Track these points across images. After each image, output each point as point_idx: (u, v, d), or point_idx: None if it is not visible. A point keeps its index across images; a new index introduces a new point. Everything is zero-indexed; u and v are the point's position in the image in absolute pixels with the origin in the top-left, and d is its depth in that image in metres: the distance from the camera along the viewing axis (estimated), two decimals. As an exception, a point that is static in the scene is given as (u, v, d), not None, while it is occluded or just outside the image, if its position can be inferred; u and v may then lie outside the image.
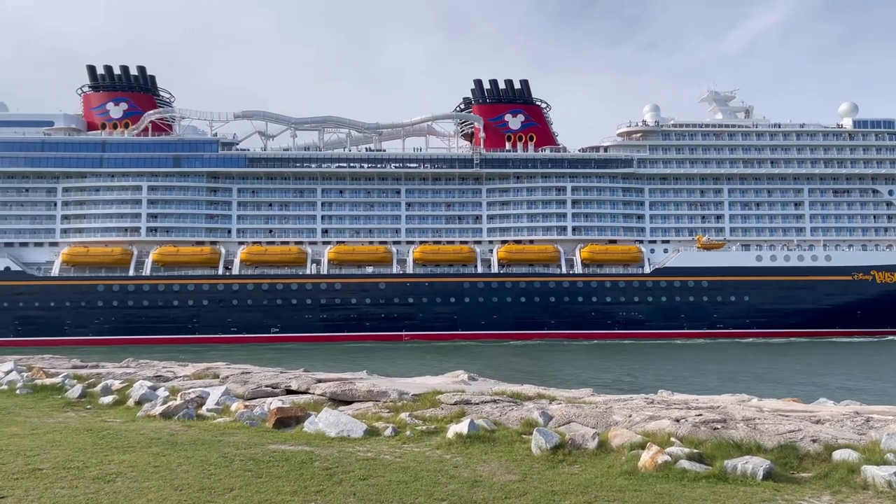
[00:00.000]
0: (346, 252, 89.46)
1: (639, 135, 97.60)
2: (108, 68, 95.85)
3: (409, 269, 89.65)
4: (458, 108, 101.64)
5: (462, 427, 9.92)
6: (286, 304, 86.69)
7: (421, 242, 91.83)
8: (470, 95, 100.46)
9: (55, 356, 28.16)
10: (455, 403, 11.68)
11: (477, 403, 11.59)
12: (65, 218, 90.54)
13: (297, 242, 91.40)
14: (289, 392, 14.58)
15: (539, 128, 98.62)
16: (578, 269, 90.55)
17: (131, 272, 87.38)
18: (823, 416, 9.60)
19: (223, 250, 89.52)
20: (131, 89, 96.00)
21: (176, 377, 18.43)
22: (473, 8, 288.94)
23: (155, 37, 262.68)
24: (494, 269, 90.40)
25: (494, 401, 11.72)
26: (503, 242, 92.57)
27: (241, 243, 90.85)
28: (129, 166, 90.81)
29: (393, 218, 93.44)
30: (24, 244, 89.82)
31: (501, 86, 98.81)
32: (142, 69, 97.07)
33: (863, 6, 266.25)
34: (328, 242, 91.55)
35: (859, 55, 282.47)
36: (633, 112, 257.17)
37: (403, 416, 11.36)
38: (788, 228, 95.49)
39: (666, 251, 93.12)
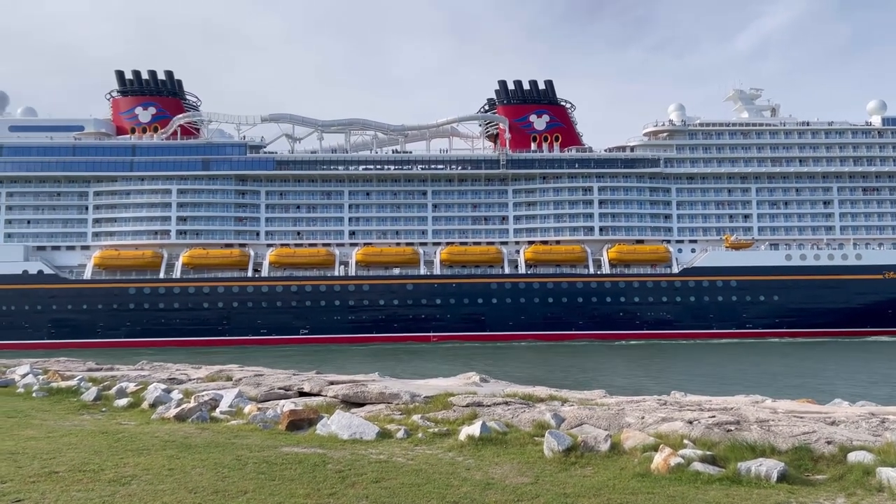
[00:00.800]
0: (374, 253, 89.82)
1: (665, 134, 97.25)
2: (137, 73, 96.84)
3: (437, 271, 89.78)
4: (482, 110, 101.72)
5: (474, 429, 9.92)
6: (315, 305, 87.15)
7: (447, 243, 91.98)
8: (494, 96, 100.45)
9: (70, 359, 28.41)
10: (467, 405, 11.69)
11: (489, 405, 11.59)
12: (96, 221, 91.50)
13: (324, 244, 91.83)
14: (301, 394, 14.65)
15: (564, 128, 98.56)
16: (606, 269, 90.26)
17: (162, 275, 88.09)
18: (838, 417, 9.53)
19: (252, 252, 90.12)
20: (159, 94, 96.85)
21: (189, 379, 18.55)
22: (481, 11, 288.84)
23: (166, 42, 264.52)
24: (521, 269, 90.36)
25: (506, 403, 11.71)
26: (530, 243, 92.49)
27: (269, 245, 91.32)
28: (159, 170, 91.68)
29: (419, 219, 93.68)
30: (57, 248, 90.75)
31: (525, 86, 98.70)
32: (169, 73, 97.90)
33: (875, 6, 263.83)
34: (355, 244, 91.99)
35: (872, 55, 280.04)
36: (643, 113, 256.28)
37: (415, 418, 11.38)
38: (817, 227, 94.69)
39: (693, 251, 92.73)
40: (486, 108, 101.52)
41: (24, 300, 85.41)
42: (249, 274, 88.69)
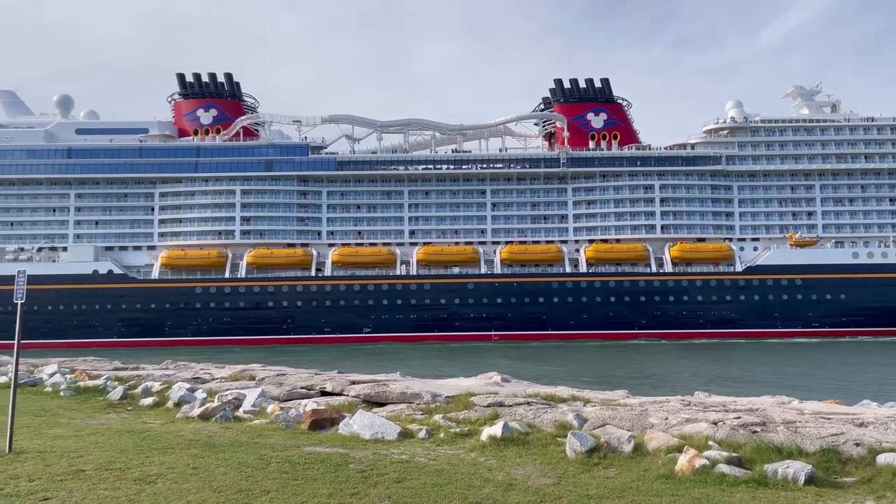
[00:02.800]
0: (435, 253, 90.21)
1: (726, 132, 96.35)
2: (197, 76, 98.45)
3: (496, 270, 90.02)
4: (537, 108, 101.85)
5: (496, 429, 9.90)
6: (377, 304, 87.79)
7: (507, 242, 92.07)
8: (549, 95, 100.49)
9: (97, 358, 28.81)
10: (488, 405, 11.66)
11: (510, 405, 11.55)
12: (161, 222, 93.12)
13: (384, 244, 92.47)
14: (323, 394, 14.71)
15: (622, 126, 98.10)
16: (668, 267, 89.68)
17: (227, 274, 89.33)
18: (867, 418, 9.36)
19: (314, 252, 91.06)
20: (219, 96, 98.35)
21: (213, 379, 18.73)
22: (500, 9, 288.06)
23: (188, 44, 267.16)
24: (582, 268, 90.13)
25: (528, 403, 11.67)
26: (590, 242, 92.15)
27: (330, 245, 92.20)
28: (224, 171, 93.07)
29: (478, 218, 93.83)
30: (124, 248, 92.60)
31: (582, 84, 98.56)
32: (228, 76, 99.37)
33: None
34: (415, 243, 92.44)
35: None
36: (665, 110, 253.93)
37: (437, 418, 11.38)
38: (884, 224, 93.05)
39: (755, 249, 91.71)
40: (542, 107, 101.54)
41: (95, 299, 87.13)
42: (312, 273, 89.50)
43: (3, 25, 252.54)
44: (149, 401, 15.53)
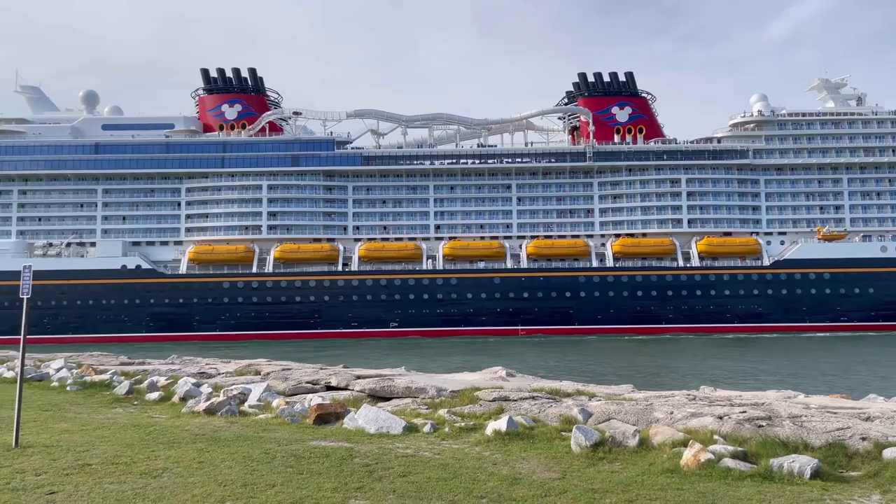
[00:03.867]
0: (461, 247, 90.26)
1: (753, 125, 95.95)
2: (221, 71, 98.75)
3: (523, 264, 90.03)
4: (561, 102, 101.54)
5: (501, 424, 9.90)
6: (404, 298, 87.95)
7: (532, 237, 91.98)
8: (572, 89, 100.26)
9: (103, 353, 28.92)
10: (493, 400, 11.67)
11: (515, 400, 11.55)
12: (188, 217, 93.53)
13: (410, 238, 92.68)
14: (329, 388, 14.74)
15: (646, 120, 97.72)
16: (695, 261, 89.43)
17: (254, 269, 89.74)
18: (873, 412, 9.32)
19: (341, 247, 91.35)
20: (243, 91, 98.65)
21: (219, 374, 18.78)
22: (508, 3, 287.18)
23: (194, 40, 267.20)
24: (609, 262, 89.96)
25: (533, 397, 11.66)
26: (616, 236, 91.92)
27: (356, 240, 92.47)
28: (250, 166, 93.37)
29: (504, 213, 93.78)
30: (151, 243, 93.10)
31: (606, 78, 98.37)
32: (252, 71, 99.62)
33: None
34: (440, 238, 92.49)
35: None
36: (674, 104, 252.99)
37: (442, 412, 11.39)
38: None
39: (782, 243, 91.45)
40: (566, 101, 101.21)
41: (124, 294, 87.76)
42: (339, 268, 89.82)
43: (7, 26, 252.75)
44: (154, 395, 15.61)
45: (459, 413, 11.28)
